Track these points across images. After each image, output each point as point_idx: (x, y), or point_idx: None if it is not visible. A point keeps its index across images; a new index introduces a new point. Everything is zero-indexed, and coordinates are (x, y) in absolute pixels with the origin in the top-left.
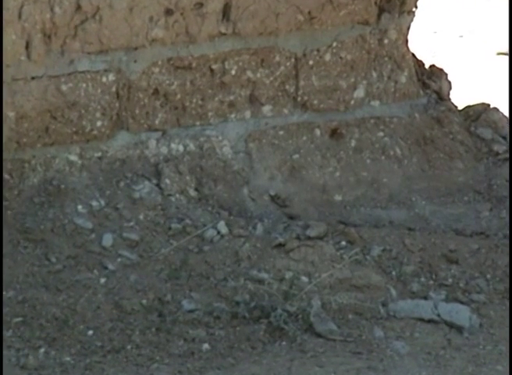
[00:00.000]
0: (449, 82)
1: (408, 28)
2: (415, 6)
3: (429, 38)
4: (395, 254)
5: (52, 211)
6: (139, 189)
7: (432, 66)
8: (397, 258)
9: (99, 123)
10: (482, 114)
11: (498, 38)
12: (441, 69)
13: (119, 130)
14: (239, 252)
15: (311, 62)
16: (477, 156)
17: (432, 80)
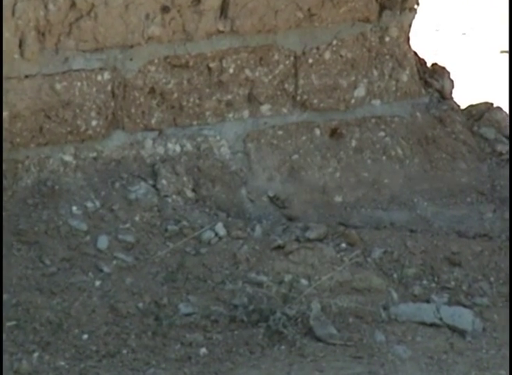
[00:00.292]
0: (451, 81)
1: (410, 26)
2: (417, 3)
3: (431, 36)
4: (396, 256)
5: (46, 212)
6: (135, 190)
7: (434, 65)
8: (399, 260)
9: (94, 123)
10: (485, 113)
11: (501, 36)
12: (443, 67)
13: (115, 130)
14: (237, 255)
15: (311, 61)
16: (480, 156)
17: (434, 79)
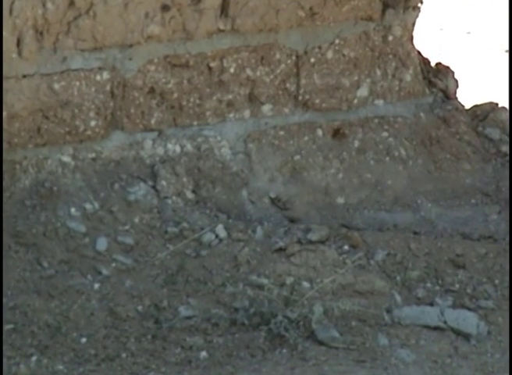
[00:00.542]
0: (455, 80)
1: (413, 24)
2: (421, 2)
3: (435, 35)
4: (400, 258)
5: (44, 214)
6: (134, 191)
7: (438, 64)
8: (402, 262)
9: (93, 123)
10: (490, 113)
11: (506, 35)
12: (447, 67)
13: (114, 130)
14: (238, 257)
15: (313, 60)
16: (485, 157)
17: (438, 79)
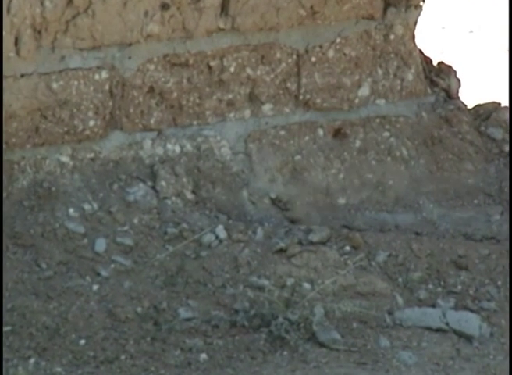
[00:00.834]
0: (458, 80)
1: (415, 23)
2: (423, 0)
3: (437, 34)
4: (401, 260)
5: (43, 215)
6: (133, 192)
7: (441, 63)
8: (404, 264)
9: (92, 123)
10: (493, 113)
11: (509, 34)
12: (449, 66)
13: (113, 130)
14: (238, 258)
15: (314, 59)
16: (487, 157)
17: (441, 78)
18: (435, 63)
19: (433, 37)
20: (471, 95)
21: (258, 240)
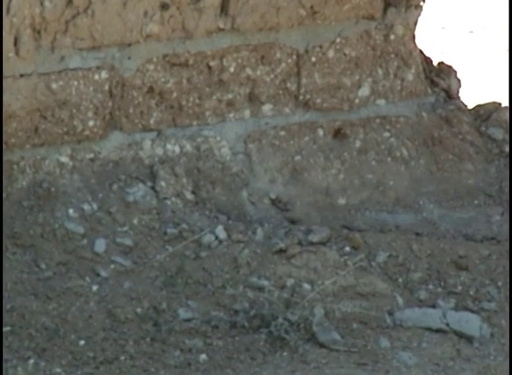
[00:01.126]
0: (458, 80)
1: (415, 23)
2: (423, 0)
3: (438, 34)
4: (401, 260)
5: (42, 215)
6: (133, 192)
7: (441, 63)
8: (404, 264)
9: (91, 123)
10: (493, 113)
11: (509, 34)
12: (450, 66)
13: (112, 130)
14: (238, 258)
15: (314, 59)
16: (487, 157)
17: (441, 78)
18: (435, 63)
19: (433, 38)
20: (472, 95)
21: (258, 240)
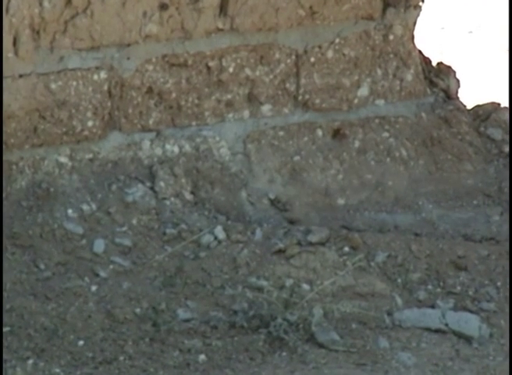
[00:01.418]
0: (457, 80)
1: (414, 23)
2: (422, 0)
3: (437, 34)
4: (400, 260)
5: (41, 215)
6: (132, 192)
7: (440, 64)
8: (403, 264)
9: (90, 123)
10: (492, 114)
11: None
12: (449, 66)
13: (111, 131)
14: (237, 259)
15: (313, 60)
16: (486, 158)
17: (440, 78)
18: (434, 64)
19: (432, 38)
20: (471, 96)
21: (257, 240)
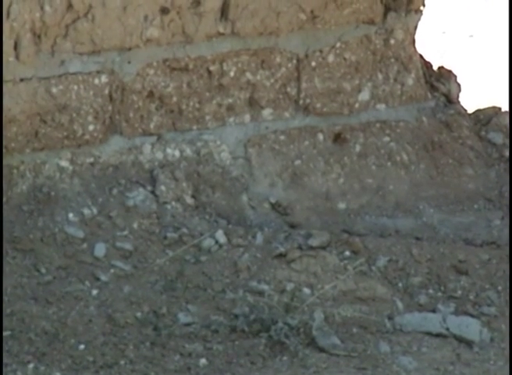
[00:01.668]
0: (458, 84)
1: (415, 28)
2: (423, 5)
3: (438, 38)
4: (401, 265)
5: (42, 219)
6: (133, 196)
7: (441, 68)
8: (404, 269)
9: (91, 127)
10: (493, 118)
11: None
12: (450, 70)
13: (112, 135)
14: (238, 263)
15: (314, 64)
16: (487, 162)
17: (441, 83)
18: (435, 68)
19: (433, 42)
20: (472, 100)
21: (258, 245)
